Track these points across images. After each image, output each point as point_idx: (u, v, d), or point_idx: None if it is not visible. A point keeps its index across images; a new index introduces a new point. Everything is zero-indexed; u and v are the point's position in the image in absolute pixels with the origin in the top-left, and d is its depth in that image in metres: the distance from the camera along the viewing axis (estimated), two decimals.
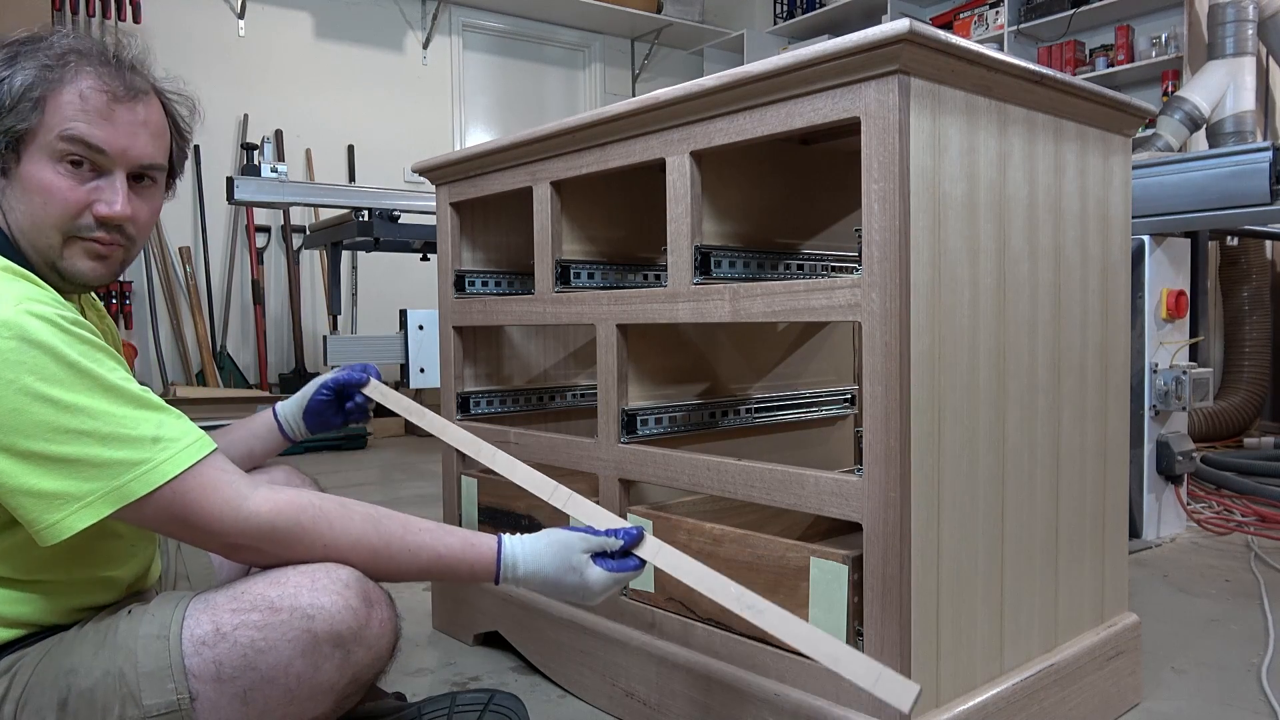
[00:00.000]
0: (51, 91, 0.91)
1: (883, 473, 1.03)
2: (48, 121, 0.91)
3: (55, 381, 0.82)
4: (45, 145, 0.92)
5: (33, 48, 0.92)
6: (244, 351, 4.92)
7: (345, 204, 3.68)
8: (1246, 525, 2.47)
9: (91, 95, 0.92)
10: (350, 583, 0.91)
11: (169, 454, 0.85)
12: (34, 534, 0.83)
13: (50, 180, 0.92)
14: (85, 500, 0.82)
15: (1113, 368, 1.36)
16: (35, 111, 0.90)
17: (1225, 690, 1.43)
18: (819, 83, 1.05)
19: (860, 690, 1.05)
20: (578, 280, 1.54)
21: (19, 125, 0.90)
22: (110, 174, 0.95)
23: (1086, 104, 1.25)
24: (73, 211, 0.93)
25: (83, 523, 0.82)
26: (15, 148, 0.91)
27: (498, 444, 1.62)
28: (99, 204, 0.94)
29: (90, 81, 0.93)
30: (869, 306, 1.03)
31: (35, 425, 0.81)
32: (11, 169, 0.92)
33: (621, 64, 6.31)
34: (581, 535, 1.05)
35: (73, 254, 0.95)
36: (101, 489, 0.83)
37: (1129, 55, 4.71)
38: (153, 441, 0.85)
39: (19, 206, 0.93)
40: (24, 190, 0.92)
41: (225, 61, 4.85)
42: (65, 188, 0.93)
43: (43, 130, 0.91)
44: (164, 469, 0.85)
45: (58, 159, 0.92)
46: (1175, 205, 2.30)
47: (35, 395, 0.81)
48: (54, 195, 0.92)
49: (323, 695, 0.89)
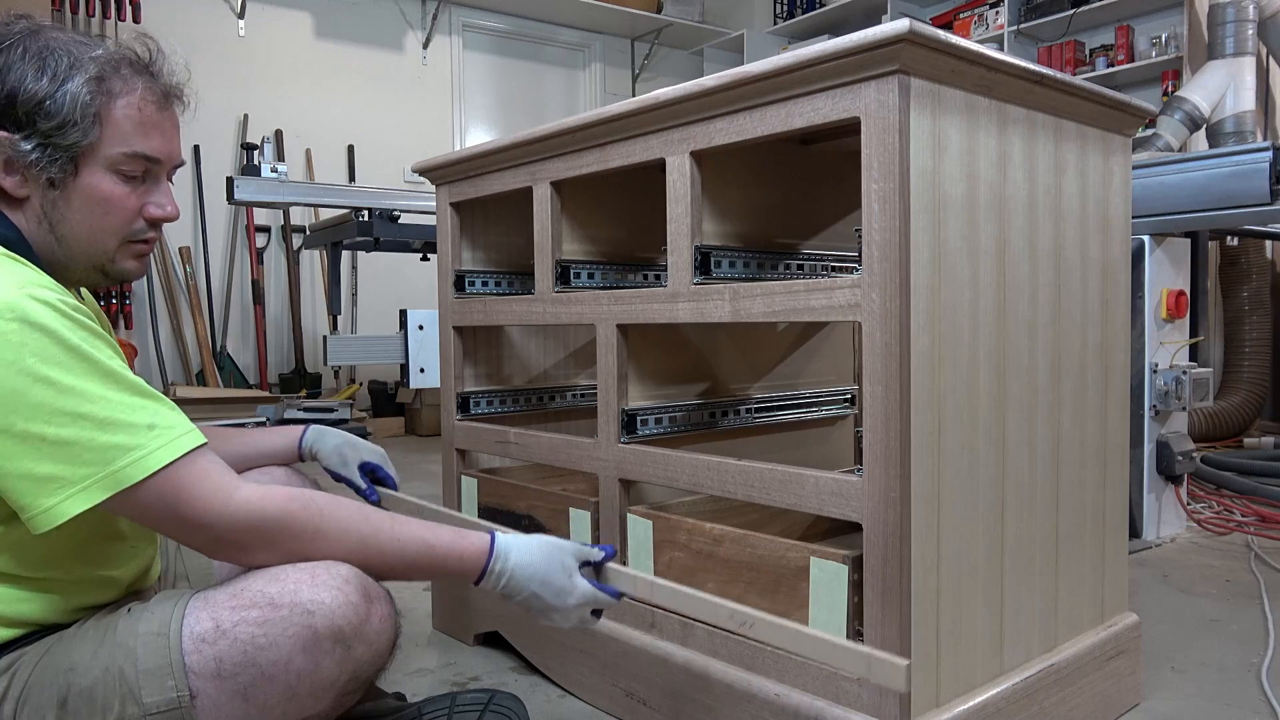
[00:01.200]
0: (105, 105, 0.93)
1: (883, 473, 1.03)
2: (106, 135, 0.93)
3: (55, 364, 0.82)
4: (104, 158, 0.94)
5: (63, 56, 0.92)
6: (244, 351, 4.92)
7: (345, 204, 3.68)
8: (1246, 525, 2.47)
9: (143, 106, 0.95)
10: (350, 579, 0.91)
11: (163, 441, 0.86)
12: (28, 520, 0.83)
13: (110, 190, 0.95)
14: (81, 485, 0.82)
15: (1113, 368, 1.36)
16: (95, 126, 0.92)
17: (1225, 690, 1.43)
18: (819, 83, 1.05)
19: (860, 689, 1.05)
20: (578, 280, 1.54)
21: (83, 141, 0.92)
22: (158, 178, 0.99)
23: (1086, 104, 1.25)
24: (131, 217, 0.97)
25: (77, 508, 0.82)
26: (74, 160, 0.93)
27: (497, 444, 1.62)
28: (151, 207, 0.99)
29: (140, 93, 0.95)
30: (869, 306, 1.03)
31: (34, 407, 0.81)
32: (67, 181, 0.93)
33: (621, 64, 6.31)
34: (571, 543, 1.07)
35: (123, 257, 0.99)
36: (97, 474, 0.83)
37: (1129, 55, 4.71)
38: (148, 428, 0.85)
39: (73, 216, 0.94)
40: (83, 201, 0.94)
41: (225, 61, 4.85)
42: (123, 195, 0.96)
43: (103, 144, 0.93)
44: (159, 455, 0.85)
45: (115, 170, 0.95)
46: (1175, 205, 2.30)
47: (35, 376, 0.81)
48: (114, 204, 0.96)
49: (323, 692, 0.89)
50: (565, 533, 1.47)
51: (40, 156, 0.91)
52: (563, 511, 1.48)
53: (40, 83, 0.90)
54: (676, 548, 1.28)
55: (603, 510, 1.40)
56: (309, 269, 5.10)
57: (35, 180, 0.93)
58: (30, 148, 0.91)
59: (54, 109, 0.90)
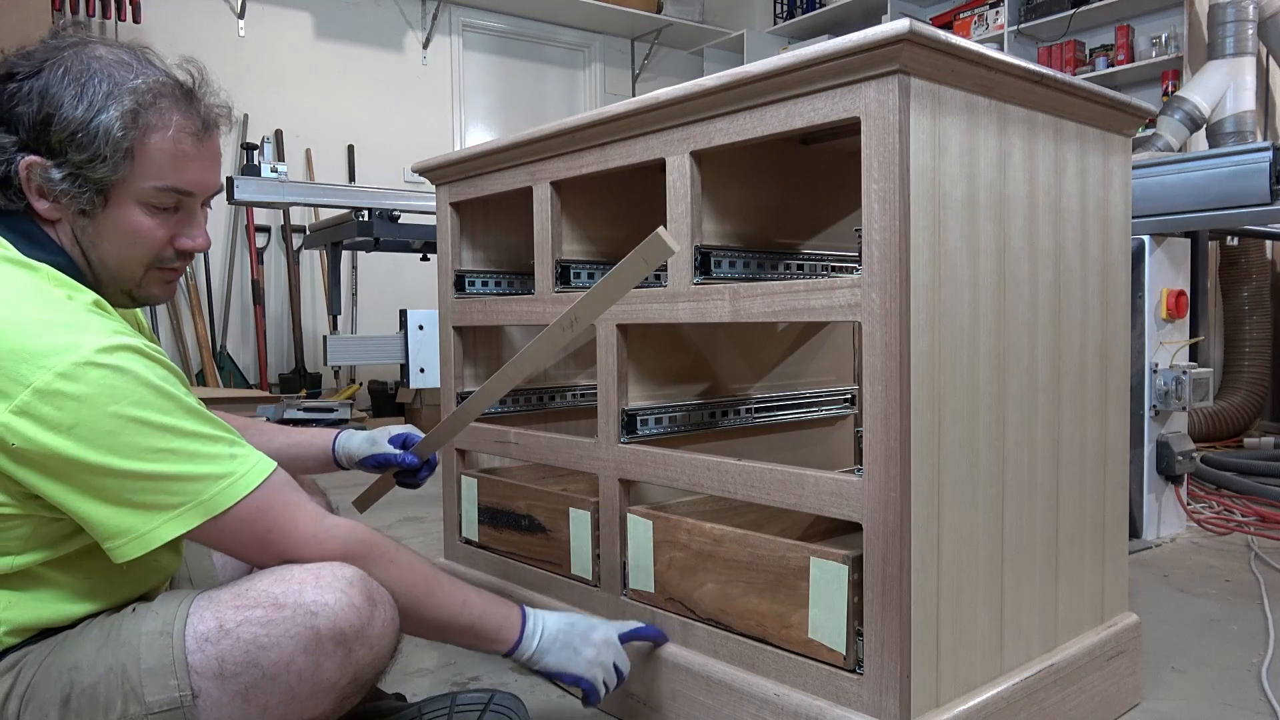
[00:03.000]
0: (139, 139, 0.92)
1: (883, 473, 1.03)
2: (138, 169, 0.92)
3: (145, 405, 0.84)
4: (136, 191, 0.93)
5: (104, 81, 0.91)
6: (244, 351, 4.92)
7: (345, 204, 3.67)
8: (1246, 525, 2.47)
9: (179, 138, 0.94)
10: (354, 581, 0.91)
11: (246, 468, 0.89)
12: (114, 548, 0.86)
13: (139, 223, 0.95)
14: (174, 513, 0.86)
15: (1113, 368, 1.36)
16: (126, 161, 0.91)
17: (1225, 690, 1.43)
18: (819, 83, 1.05)
19: (860, 689, 1.05)
20: (578, 280, 1.54)
21: (112, 176, 0.92)
22: (191, 209, 0.99)
23: (1086, 104, 1.25)
24: (160, 248, 0.97)
25: (171, 534, 0.86)
26: (104, 192, 0.93)
27: (497, 444, 1.62)
28: (183, 239, 0.99)
29: (176, 126, 0.94)
30: (869, 306, 1.03)
31: (128, 446, 0.84)
32: (97, 212, 0.93)
33: (621, 64, 6.31)
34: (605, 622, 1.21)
35: (150, 283, 1.00)
36: (189, 502, 0.86)
37: (1129, 55, 4.71)
38: (231, 457, 0.89)
39: (103, 244, 0.95)
40: (111, 231, 0.94)
41: (225, 61, 4.85)
42: (153, 227, 0.96)
43: (134, 178, 0.93)
44: (245, 481, 0.89)
45: (145, 203, 0.94)
46: (1175, 205, 2.30)
47: (128, 419, 0.83)
48: (143, 236, 0.95)
49: (324, 694, 0.89)
50: (565, 533, 1.47)
51: (70, 187, 0.91)
52: (563, 511, 1.48)
53: (76, 110, 0.89)
54: (676, 547, 1.28)
55: (603, 510, 1.40)
56: (309, 269, 5.09)
57: (66, 207, 0.93)
58: (60, 177, 0.91)
59: (86, 140, 0.89)
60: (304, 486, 1.32)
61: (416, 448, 1.35)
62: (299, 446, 1.33)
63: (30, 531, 0.87)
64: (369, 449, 1.34)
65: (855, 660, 1.07)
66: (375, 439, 1.35)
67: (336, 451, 1.34)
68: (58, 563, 0.91)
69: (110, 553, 0.86)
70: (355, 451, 1.34)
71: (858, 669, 1.07)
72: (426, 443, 1.35)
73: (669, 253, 1.05)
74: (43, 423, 0.81)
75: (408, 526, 2.62)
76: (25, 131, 0.90)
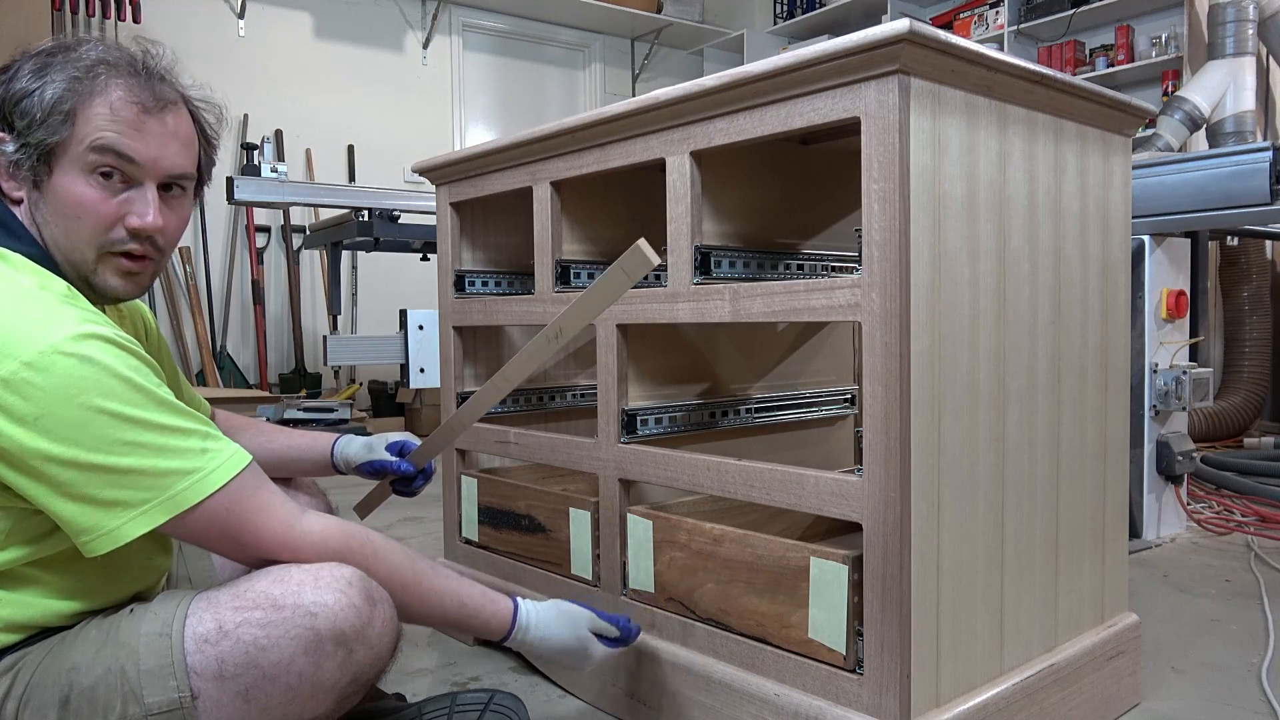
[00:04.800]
0: (82, 104, 0.91)
1: (883, 473, 1.03)
2: (78, 133, 0.91)
3: (114, 396, 0.83)
4: (76, 157, 0.92)
5: (62, 59, 0.93)
6: (244, 351, 4.92)
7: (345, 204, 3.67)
8: (1246, 525, 2.47)
9: (121, 106, 0.93)
10: (354, 581, 0.91)
11: (217, 463, 0.88)
12: (84, 543, 0.85)
13: (82, 193, 0.92)
14: (141, 509, 0.85)
15: (1113, 368, 1.36)
16: (66, 124, 0.91)
17: (1225, 690, 1.43)
18: (819, 83, 1.05)
19: (860, 689, 1.05)
20: (578, 280, 1.54)
21: (50, 138, 0.91)
22: (141, 185, 0.95)
23: (1086, 104, 1.25)
24: (106, 224, 0.94)
25: (137, 530, 0.85)
26: (47, 160, 0.92)
27: (497, 444, 1.62)
28: (131, 216, 0.95)
29: (120, 93, 0.93)
30: (869, 306, 1.03)
31: (97, 438, 0.83)
32: (44, 181, 0.93)
33: (621, 64, 6.31)
34: (590, 614, 1.18)
35: (105, 270, 0.96)
36: (156, 498, 0.85)
37: (1129, 55, 4.71)
38: (201, 452, 0.88)
39: (52, 220, 0.94)
40: (57, 203, 0.93)
41: (225, 61, 4.85)
42: (97, 199, 0.93)
43: (74, 142, 0.92)
44: (214, 477, 0.87)
45: (89, 171, 0.92)
46: (1175, 205, 2.30)
47: (97, 410, 0.83)
48: (86, 208, 0.93)
49: (324, 694, 0.89)
50: (565, 533, 1.47)
51: (21, 155, 0.92)
52: (563, 511, 1.48)
53: (25, 83, 0.91)
54: (676, 547, 1.28)
55: (603, 510, 1.40)
56: (309, 269, 5.09)
57: (23, 181, 0.93)
58: (13, 149, 0.92)
59: (28, 107, 0.90)
60: (305, 488, 1.32)
61: (411, 456, 1.35)
62: (298, 449, 1.33)
63: (10, 526, 0.87)
64: (366, 455, 1.34)
65: (855, 660, 1.07)
66: (373, 445, 1.35)
67: (335, 456, 1.35)
68: (45, 563, 0.90)
69: (81, 548, 0.85)
70: (353, 457, 1.34)
71: (858, 669, 1.07)
72: (420, 451, 1.35)
73: (650, 265, 1.06)
74: (7, 413, 0.80)
75: (408, 527, 2.62)
76: None
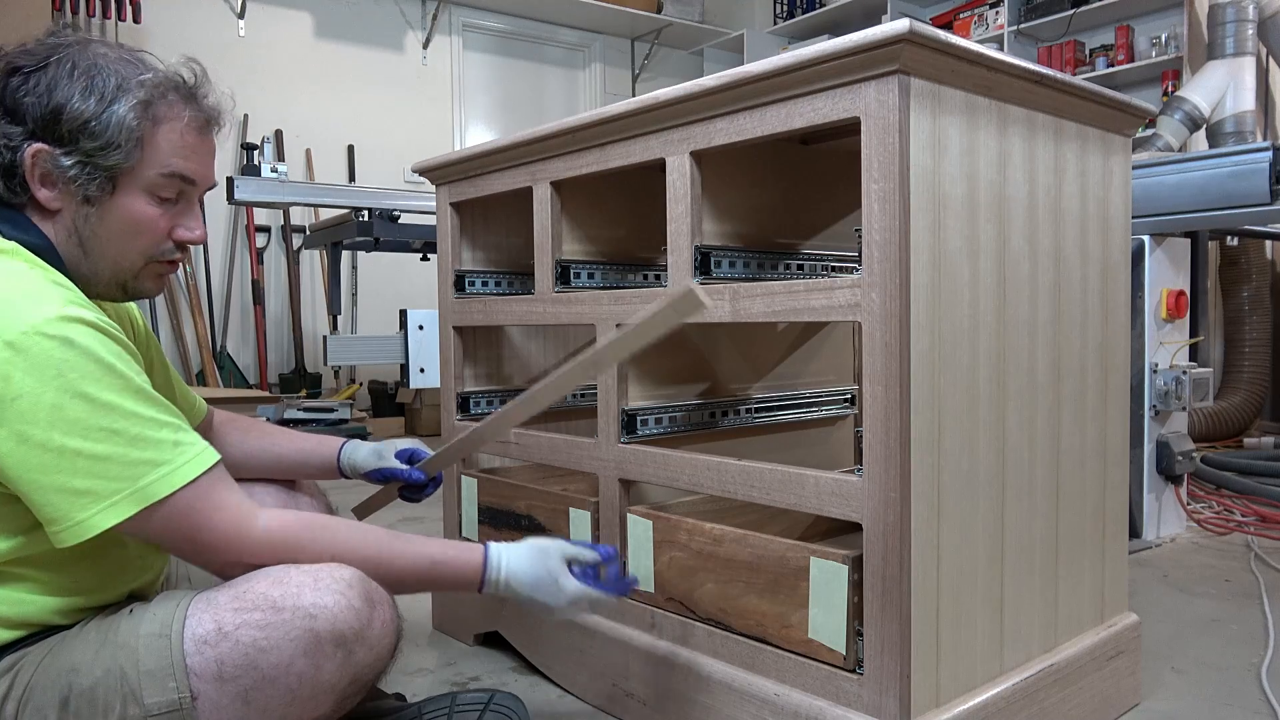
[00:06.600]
0: (151, 128, 0.94)
1: (883, 473, 1.03)
2: (148, 157, 0.95)
3: (92, 380, 0.84)
4: (143, 179, 0.95)
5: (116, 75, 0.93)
6: (244, 351, 4.92)
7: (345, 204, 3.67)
8: (1246, 525, 2.47)
9: (187, 132, 0.97)
10: (353, 582, 0.91)
11: (187, 457, 0.88)
12: (56, 533, 0.85)
13: (144, 211, 0.96)
14: (111, 499, 0.84)
15: (1113, 368, 1.36)
16: (137, 149, 0.94)
17: (1225, 690, 1.43)
18: (819, 83, 1.05)
19: (860, 689, 1.05)
20: (578, 280, 1.54)
21: (125, 163, 0.93)
22: (190, 200, 1.00)
23: (1086, 104, 1.25)
24: (160, 239, 0.99)
25: (106, 523, 0.84)
26: (114, 179, 0.94)
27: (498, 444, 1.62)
28: (181, 229, 1.00)
29: (185, 119, 0.97)
30: (869, 306, 1.03)
31: (71, 422, 0.83)
32: (104, 200, 0.95)
33: (621, 64, 6.31)
34: (561, 543, 1.12)
35: (145, 276, 1.00)
36: (126, 489, 0.85)
37: (1129, 55, 4.71)
38: (173, 445, 0.88)
39: (104, 234, 0.96)
40: (114, 219, 0.96)
41: (225, 61, 4.84)
42: (157, 216, 0.97)
43: (143, 166, 0.95)
44: (183, 471, 0.87)
45: (152, 191, 0.96)
46: (1175, 205, 2.30)
47: (74, 393, 0.83)
48: (146, 224, 0.97)
49: (324, 695, 0.89)
50: (565, 533, 1.47)
51: (79, 174, 0.93)
52: (563, 511, 1.48)
53: (87, 103, 0.92)
54: (676, 547, 1.28)
55: (603, 510, 1.40)
56: (309, 269, 5.09)
57: (71, 195, 0.94)
58: (70, 164, 0.92)
59: (99, 129, 0.92)
60: (305, 490, 1.32)
61: (423, 465, 1.34)
62: (304, 453, 1.32)
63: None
64: (375, 462, 1.34)
65: (855, 660, 1.07)
66: (382, 453, 1.35)
67: (342, 462, 1.34)
68: (35, 560, 0.90)
69: (52, 538, 0.85)
70: (361, 464, 1.34)
71: (858, 669, 1.07)
72: (433, 462, 1.35)
73: (701, 309, 1.05)
74: None
75: (408, 527, 2.62)
76: (33, 122, 0.92)
